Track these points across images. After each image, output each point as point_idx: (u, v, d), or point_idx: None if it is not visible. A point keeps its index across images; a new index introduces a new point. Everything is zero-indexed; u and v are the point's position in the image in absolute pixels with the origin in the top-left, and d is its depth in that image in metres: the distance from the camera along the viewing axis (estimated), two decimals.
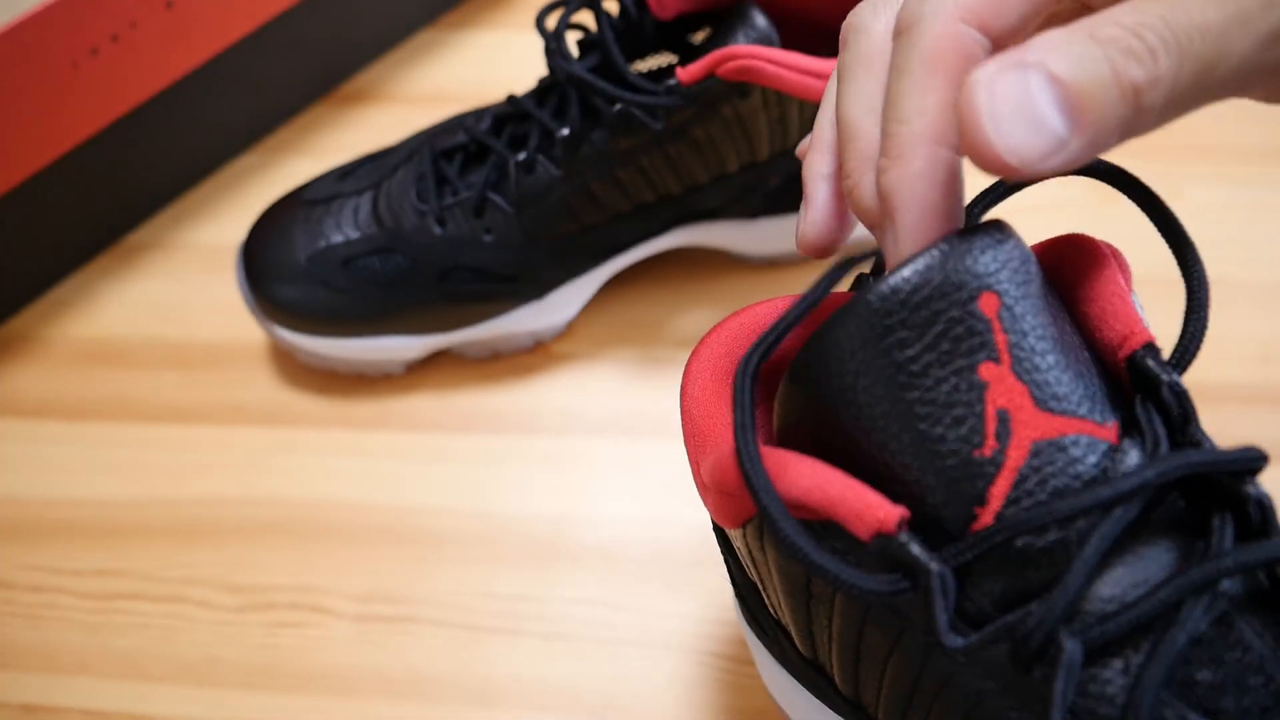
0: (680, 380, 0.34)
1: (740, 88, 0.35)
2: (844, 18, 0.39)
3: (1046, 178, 0.17)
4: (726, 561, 0.27)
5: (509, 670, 0.35)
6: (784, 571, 0.21)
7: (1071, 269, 0.21)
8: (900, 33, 0.19)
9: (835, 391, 0.19)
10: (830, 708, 0.25)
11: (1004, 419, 0.18)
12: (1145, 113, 0.17)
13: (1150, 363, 0.19)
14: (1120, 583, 0.18)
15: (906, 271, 0.19)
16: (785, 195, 0.41)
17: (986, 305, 0.18)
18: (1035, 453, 0.18)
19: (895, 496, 0.19)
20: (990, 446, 0.18)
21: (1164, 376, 0.19)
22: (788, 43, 0.41)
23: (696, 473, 0.23)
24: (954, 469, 0.18)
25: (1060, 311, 0.20)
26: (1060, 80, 0.16)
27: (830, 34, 0.40)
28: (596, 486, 0.39)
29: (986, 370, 0.18)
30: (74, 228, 0.46)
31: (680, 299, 0.44)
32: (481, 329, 0.41)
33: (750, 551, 0.23)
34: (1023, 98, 0.16)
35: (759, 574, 0.23)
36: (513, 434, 0.40)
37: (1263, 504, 0.18)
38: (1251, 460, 0.18)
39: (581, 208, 0.38)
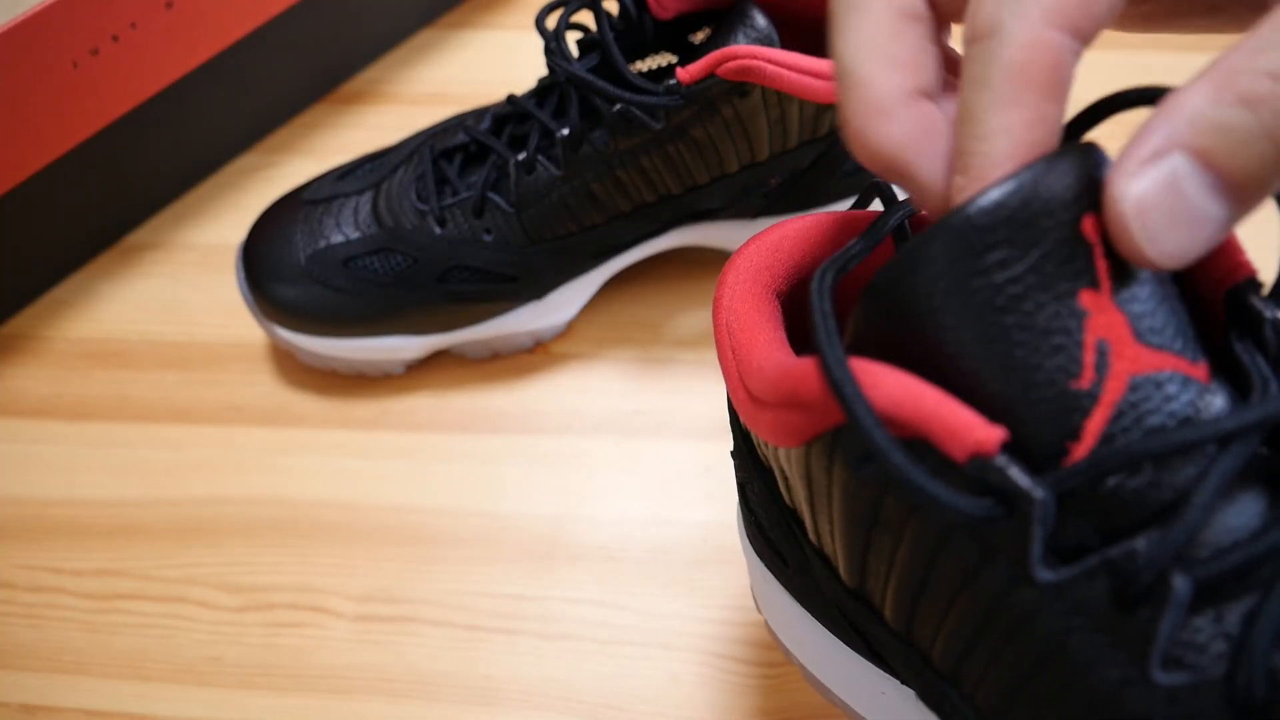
0: (710, 315, 0.32)
1: (740, 88, 0.35)
2: None
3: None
4: (743, 487, 0.26)
5: (509, 670, 0.35)
6: (850, 494, 0.20)
7: None
8: (977, 39, 0.17)
9: (922, 312, 0.18)
10: (851, 647, 0.24)
11: (1103, 350, 0.17)
12: None
13: (1253, 298, 0.18)
14: (1223, 526, 0.16)
15: (1009, 186, 0.17)
16: (785, 195, 0.41)
17: (1090, 228, 0.17)
18: (1133, 387, 0.17)
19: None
20: (1088, 378, 0.17)
21: (1267, 313, 0.18)
22: (788, 43, 0.41)
23: (737, 389, 0.22)
24: (1049, 400, 0.17)
25: None
26: (1213, 164, 0.15)
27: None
28: (596, 486, 0.39)
29: (1088, 297, 0.17)
30: (74, 228, 0.46)
31: (680, 299, 0.44)
32: (481, 329, 0.41)
33: (810, 472, 0.21)
34: (1174, 200, 0.15)
35: (810, 496, 0.22)
36: (513, 434, 0.40)
37: None
38: None
39: (581, 208, 0.38)
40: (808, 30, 0.41)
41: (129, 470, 0.40)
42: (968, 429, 0.17)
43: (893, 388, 0.17)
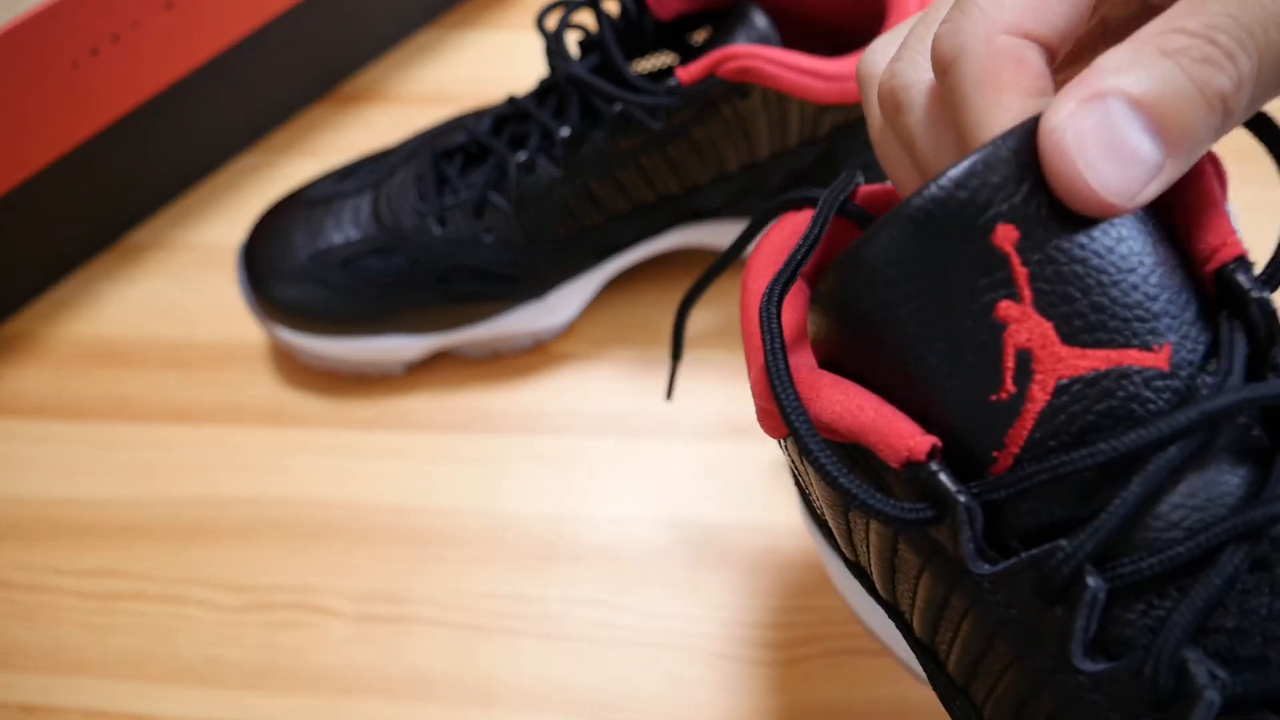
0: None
1: (740, 88, 0.35)
2: (844, 18, 0.39)
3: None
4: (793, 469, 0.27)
5: (509, 670, 0.35)
6: (822, 485, 0.21)
7: None
8: (944, 70, 0.18)
9: (863, 314, 0.19)
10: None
11: (1024, 360, 0.17)
12: (1233, 115, 0.16)
13: (1240, 277, 0.18)
14: (1161, 522, 0.17)
15: (923, 199, 0.18)
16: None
17: (1002, 239, 0.17)
18: (1060, 391, 0.17)
19: (925, 426, 0.18)
20: (1008, 391, 0.17)
21: (1253, 292, 0.17)
22: (788, 43, 0.41)
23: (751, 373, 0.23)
24: (972, 413, 0.18)
25: (1114, 221, 0.18)
26: (1142, 103, 0.15)
27: (830, 34, 0.40)
28: (596, 486, 0.39)
29: (1006, 308, 0.17)
30: (74, 228, 0.46)
31: (680, 299, 0.44)
32: (481, 329, 0.41)
33: (794, 461, 0.22)
34: (1110, 132, 0.16)
35: (806, 480, 0.23)
36: (513, 434, 0.40)
37: None
38: None
39: (581, 208, 0.38)
40: (808, 30, 0.41)
41: (129, 470, 0.40)
42: (900, 437, 0.18)
43: (832, 399, 0.18)
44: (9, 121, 0.39)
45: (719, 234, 0.42)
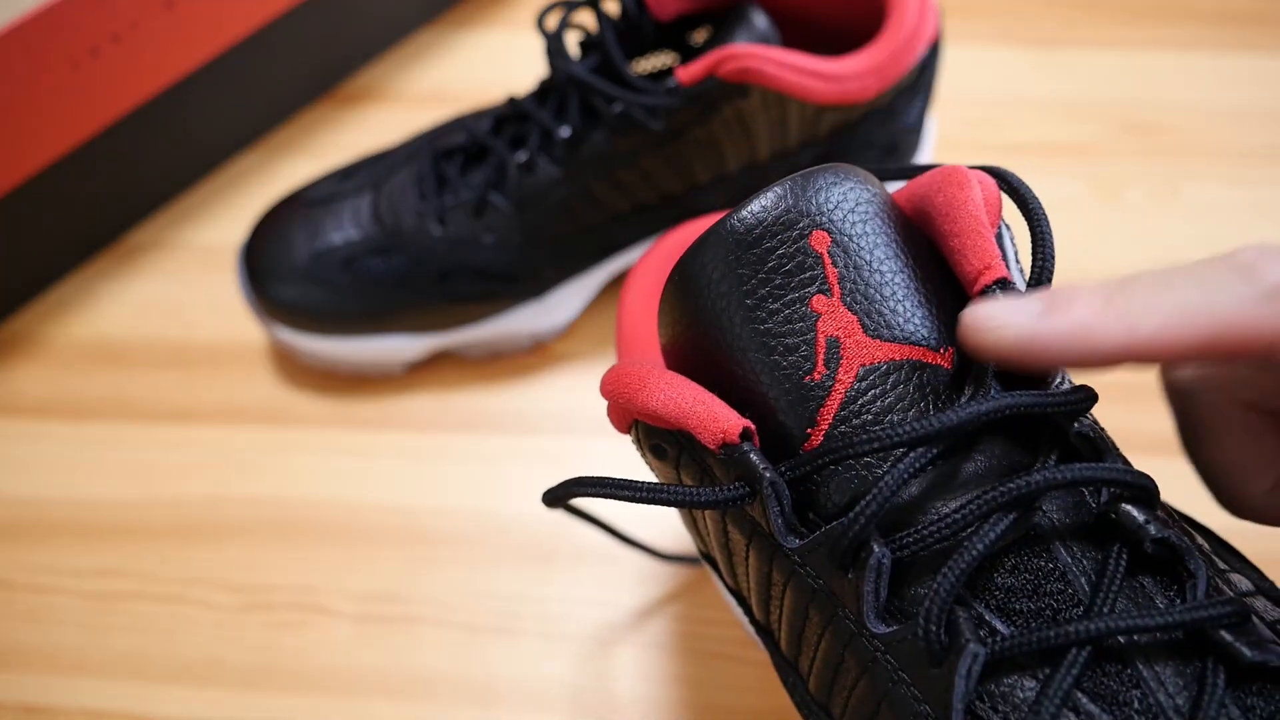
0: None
1: (740, 88, 0.35)
2: (844, 18, 0.39)
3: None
4: None
5: (509, 670, 0.35)
6: (661, 477, 0.24)
7: (944, 201, 0.22)
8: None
9: (697, 315, 0.21)
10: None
11: (834, 346, 0.20)
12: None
13: (1000, 295, 0.20)
14: (945, 505, 0.19)
15: (744, 212, 0.21)
16: None
17: (817, 242, 0.20)
18: (862, 376, 0.20)
19: (751, 414, 0.21)
20: (820, 372, 0.20)
21: None
22: (788, 43, 0.41)
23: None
24: (790, 392, 0.20)
25: (915, 242, 0.21)
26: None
27: (830, 34, 0.40)
28: None
29: (818, 302, 0.20)
30: (74, 228, 0.46)
31: None
32: (481, 329, 0.41)
33: (642, 454, 0.25)
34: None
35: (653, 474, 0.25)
36: (513, 434, 0.40)
37: (1086, 436, 0.19)
38: (1077, 401, 0.19)
39: (582, 208, 0.38)
40: (808, 30, 0.41)
41: (129, 470, 0.40)
42: (716, 421, 0.20)
43: (658, 389, 0.21)
44: (9, 121, 0.39)
45: None
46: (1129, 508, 0.18)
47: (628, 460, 0.39)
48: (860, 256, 0.20)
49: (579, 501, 0.41)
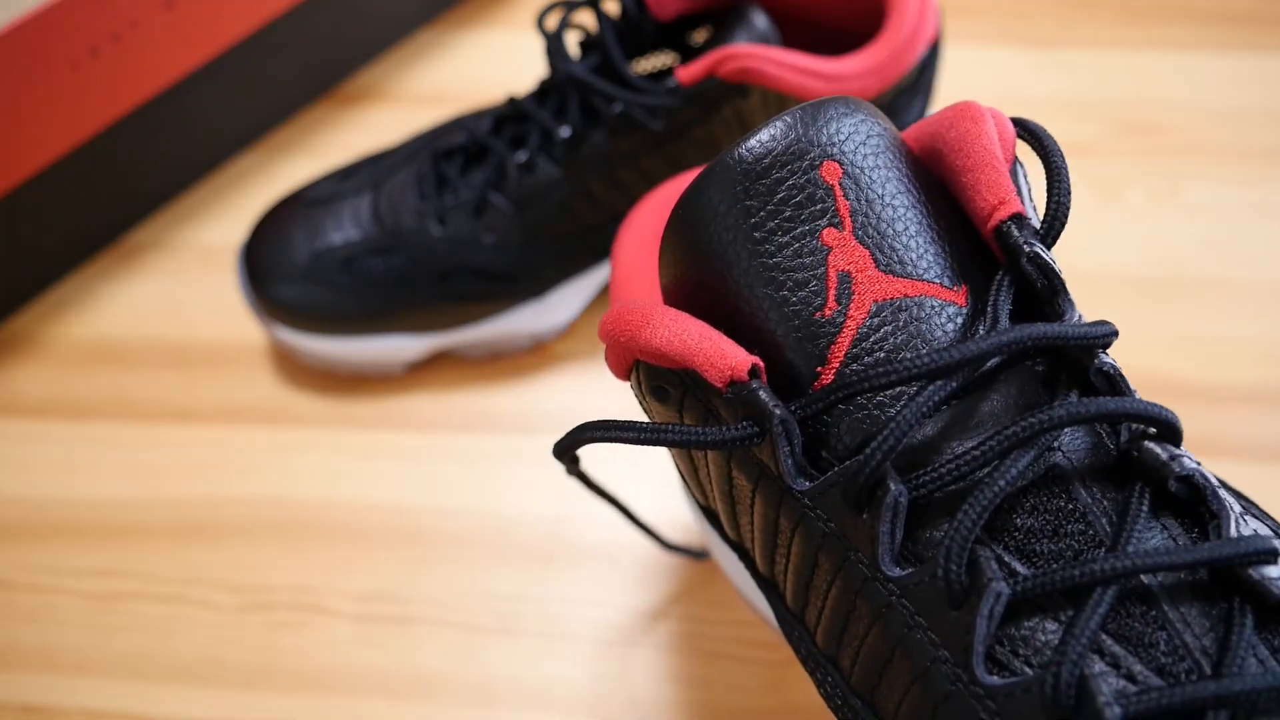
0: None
1: (740, 88, 0.35)
2: (844, 18, 0.39)
3: None
4: None
5: (509, 670, 0.35)
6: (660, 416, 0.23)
7: (956, 136, 0.21)
8: None
9: (703, 251, 0.20)
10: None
11: (845, 281, 0.19)
12: None
13: (1014, 233, 0.19)
14: (962, 444, 0.18)
15: (752, 142, 0.19)
16: None
17: (828, 173, 0.19)
18: (875, 312, 0.19)
19: (758, 353, 0.20)
20: (831, 308, 0.19)
21: (1025, 247, 0.19)
22: (788, 43, 0.41)
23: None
24: (799, 329, 0.19)
25: (926, 181, 0.20)
26: None
27: (830, 34, 0.40)
28: None
29: (829, 235, 0.19)
30: (74, 228, 0.46)
31: None
32: (481, 329, 0.41)
33: (640, 400, 0.24)
34: None
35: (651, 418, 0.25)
36: (513, 434, 0.40)
37: (1106, 373, 0.18)
38: (1099, 336, 0.18)
39: (582, 208, 0.38)
40: (808, 30, 0.41)
41: (129, 470, 0.40)
42: (723, 358, 0.19)
43: (662, 327, 0.20)
44: (9, 121, 0.39)
45: None
46: (1152, 445, 0.18)
47: (628, 461, 0.39)
48: (873, 190, 0.19)
49: (590, 476, 0.40)
